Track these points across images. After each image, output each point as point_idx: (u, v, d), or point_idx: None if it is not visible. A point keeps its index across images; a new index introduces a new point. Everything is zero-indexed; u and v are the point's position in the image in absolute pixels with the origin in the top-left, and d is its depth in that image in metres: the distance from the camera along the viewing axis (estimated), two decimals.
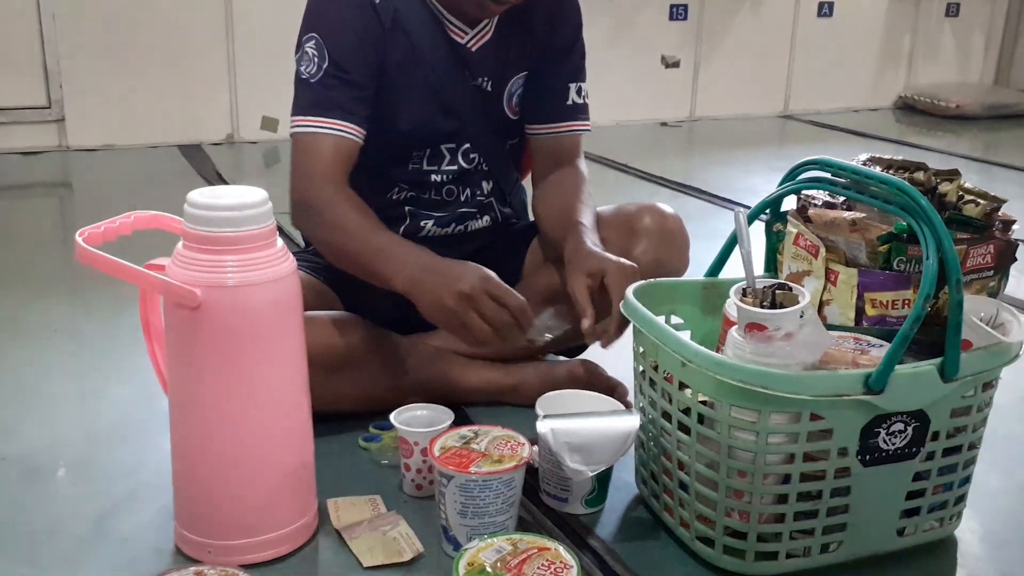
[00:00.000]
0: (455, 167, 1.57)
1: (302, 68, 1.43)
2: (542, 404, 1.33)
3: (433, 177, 1.56)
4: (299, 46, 1.45)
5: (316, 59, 1.41)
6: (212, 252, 1.07)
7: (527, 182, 1.73)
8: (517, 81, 1.57)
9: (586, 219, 1.47)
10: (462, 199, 1.60)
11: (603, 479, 1.28)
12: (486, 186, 1.61)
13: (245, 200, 1.09)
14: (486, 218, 1.63)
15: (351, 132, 1.42)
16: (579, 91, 1.60)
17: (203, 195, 1.09)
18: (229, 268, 1.07)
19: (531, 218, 1.73)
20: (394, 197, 1.57)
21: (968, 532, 1.27)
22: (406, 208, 1.58)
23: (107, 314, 1.98)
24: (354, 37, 1.43)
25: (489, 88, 1.54)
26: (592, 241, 1.40)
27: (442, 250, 1.60)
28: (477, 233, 1.63)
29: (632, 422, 1.23)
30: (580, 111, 1.60)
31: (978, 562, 1.23)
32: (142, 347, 1.25)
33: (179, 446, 1.16)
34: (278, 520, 1.17)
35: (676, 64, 4.52)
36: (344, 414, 1.45)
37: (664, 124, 4.52)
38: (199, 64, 3.67)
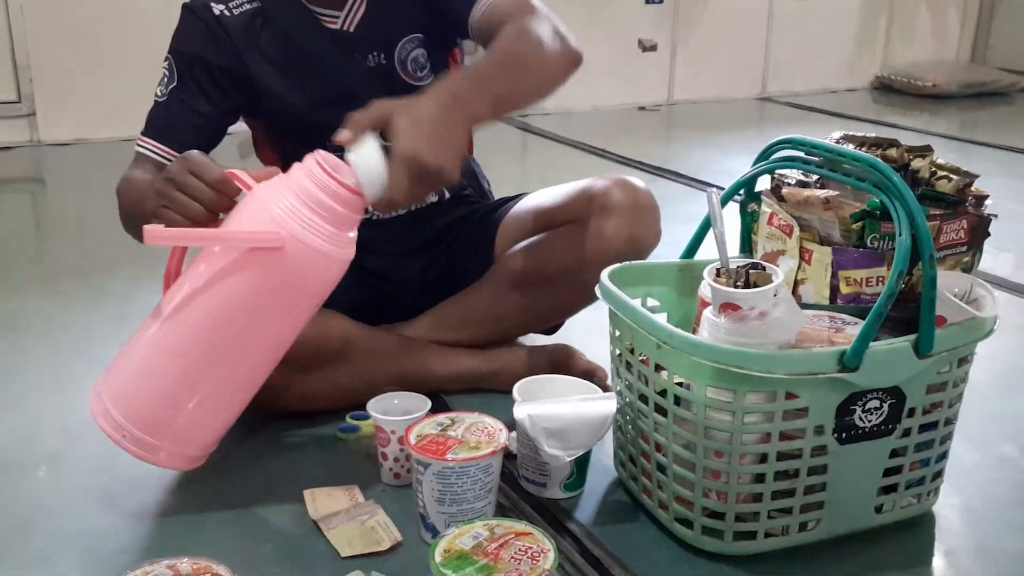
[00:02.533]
0: None
1: (157, 88, 1.47)
2: (520, 390, 1.32)
3: None
4: None
5: (166, 79, 1.46)
6: (311, 210, 1.09)
7: (478, 156, 1.69)
8: (406, 46, 1.50)
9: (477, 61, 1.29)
10: None
11: (581, 463, 1.27)
12: None
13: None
14: None
15: None
16: None
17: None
18: (320, 229, 1.10)
19: (491, 192, 1.70)
20: None
21: (946, 508, 1.27)
22: None
23: (82, 308, 1.96)
24: (202, 61, 1.44)
25: (384, 61, 1.50)
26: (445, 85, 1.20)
27: (404, 234, 1.57)
28: (432, 209, 1.59)
29: (609, 406, 1.23)
30: None
31: (956, 537, 1.23)
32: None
33: (155, 340, 1.16)
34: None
35: (653, 48, 4.51)
36: (319, 411, 1.43)
37: (642, 108, 4.51)
38: None
